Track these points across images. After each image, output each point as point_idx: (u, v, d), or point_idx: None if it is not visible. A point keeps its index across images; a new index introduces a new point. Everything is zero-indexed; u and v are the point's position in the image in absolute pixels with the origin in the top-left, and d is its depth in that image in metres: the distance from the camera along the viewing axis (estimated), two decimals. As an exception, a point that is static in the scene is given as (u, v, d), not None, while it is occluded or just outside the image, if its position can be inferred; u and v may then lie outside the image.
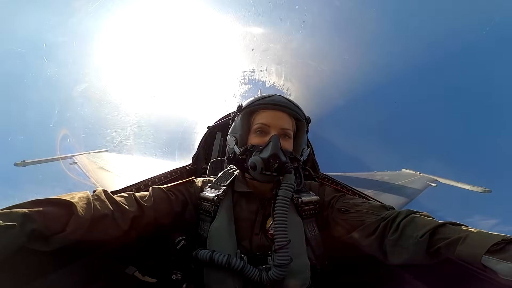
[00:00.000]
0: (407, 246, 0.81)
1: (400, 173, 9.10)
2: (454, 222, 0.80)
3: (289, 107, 1.04)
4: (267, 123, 1.02)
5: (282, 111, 1.04)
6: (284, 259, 0.84)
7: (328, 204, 1.08)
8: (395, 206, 1.02)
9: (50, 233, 0.66)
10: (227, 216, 0.98)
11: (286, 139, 1.03)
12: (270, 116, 1.03)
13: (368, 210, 0.97)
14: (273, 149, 0.93)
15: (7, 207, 0.60)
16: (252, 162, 0.95)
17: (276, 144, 0.94)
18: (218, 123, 2.74)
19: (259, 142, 1.00)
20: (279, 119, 1.03)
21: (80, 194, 0.80)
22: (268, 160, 0.92)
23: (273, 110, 1.03)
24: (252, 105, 1.06)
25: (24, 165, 4.63)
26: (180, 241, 1.02)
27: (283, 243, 0.85)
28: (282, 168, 0.93)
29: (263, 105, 1.04)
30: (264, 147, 0.96)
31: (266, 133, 1.01)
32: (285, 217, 0.88)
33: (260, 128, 1.02)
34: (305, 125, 1.11)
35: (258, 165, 0.93)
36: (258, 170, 0.93)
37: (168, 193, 1.01)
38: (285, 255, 0.85)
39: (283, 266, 0.85)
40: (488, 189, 7.26)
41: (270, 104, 1.04)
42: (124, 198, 0.91)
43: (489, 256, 0.63)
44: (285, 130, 1.02)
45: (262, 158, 0.93)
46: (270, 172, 0.93)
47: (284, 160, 0.94)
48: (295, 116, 1.07)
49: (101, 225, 0.78)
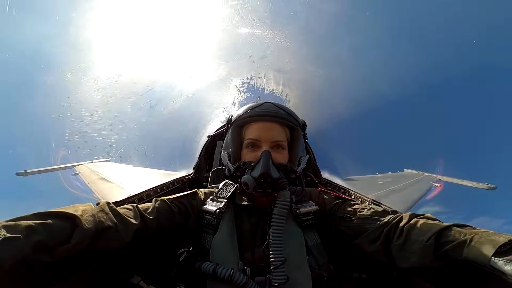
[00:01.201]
0: (413, 251, 0.80)
1: (403, 174, 9.01)
2: (459, 223, 0.80)
3: (279, 116, 1.00)
4: (258, 138, 0.99)
5: (273, 122, 1.00)
6: (281, 279, 0.84)
7: (330, 212, 1.07)
8: (400, 208, 1.02)
9: (55, 245, 0.66)
10: (229, 229, 0.98)
11: (279, 151, 0.99)
12: (260, 129, 0.99)
13: (371, 216, 0.97)
14: (263, 168, 0.90)
15: (12, 219, 0.61)
16: (244, 182, 0.94)
17: (267, 161, 0.91)
18: (218, 132, 2.76)
19: (251, 158, 0.97)
20: (269, 131, 0.99)
21: (83, 206, 0.80)
22: (259, 179, 0.90)
23: (263, 122, 1.00)
24: (241, 119, 1.03)
25: (26, 174, 4.63)
26: (183, 253, 1.02)
27: (279, 263, 0.84)
28: (275, 185, 0.91)
29: (252, 118, 1.01)
30: (256, 165, 0.93)
31: (258, 147, 0.99)
32: (280, 238, 0.87)
33: (251, 143, 1.00)
34: (300, 132, 1.08)
35: (250, 184, 0.91)
36: (251, 189, 0.92)
37: (171, 205, 1.02)
38: (281, 276, 0.84)
39: (280, 285, 0.84)
40: (493, 186, 7.17)
41: (260, 116, 1.00)
42: (127, 210, 0.91)
43: (497, 258, 0.63)
44: (277, 142, 0.99)
45: (253, 177, 0.91)
46: (263, 190, 0.92)
47: (276, 177, 0.91)
48: (287, 125, 1.03)
49: (105, 237, 0.79)
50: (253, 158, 0.97)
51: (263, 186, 0.91)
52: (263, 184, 0.91)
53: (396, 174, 8.95)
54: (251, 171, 0.93)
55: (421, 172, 8.72)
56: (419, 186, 7.16)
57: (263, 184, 0.91)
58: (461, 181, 8.32)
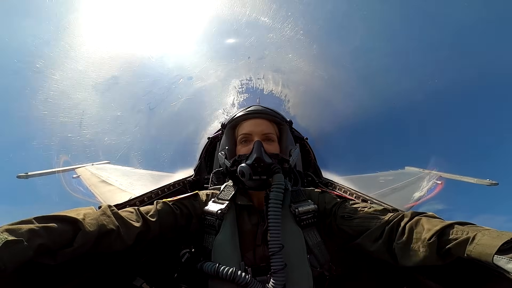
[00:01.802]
0: (416, 249, 0.80)
1: (403, 171, 8.98)
2: (461, 221, 0.80)
3: (267, 113, 1.12)
4: (249, 132, 1.08)
5: (261, 118, 1.11)
6: (279, 264, 0.87)
7: (330, 211, 1.08)
8: (403, 206, 1.02)
9: (57, 248, 0.67)
10: (231, 229, 0.99)
11: (270, 143, 1.07)
12: (250, 124, 1.10)
13: (372, 215, 0.97)
14: (256, 153, 0.97)
15: (14, 223, 0.62)
16: (240, 170, 0.98)
17: (259, 148, 0.99)
18: (218, 133, 2.76)
19: (245, 151, 1.04)
20: (259, 125, 1.09)
21: (86, 210, 0.81)
22: (253, 164, 0.96)
23: (253, 119, 1.11)
24: (233, 120, 1.14)
25: (27, 177, 4.62)
26: (185, 253, 1.02)
27: (277, 249, 0.87)
28: (269, 170, 0.97)
29: (243, 117, 1.12)
30: (249, 154, 1.01)
31: (250, 141, 1.06)
32: (278, 221, 0.90)
33: (243, 138, 1.09)
34: (287, 127, 1.17)
35: (246, 171, 0.96)
36: (247, 177, 0.97)
37: (173, 207, 1.02)
38: (279, 262, 0.87)
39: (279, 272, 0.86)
40: (495, 182, 7.17)
41: (249, 114, 1.11)
42: (129, 213, 0.91)
43: (500, 255, 0.63)
44: (267, 134, 1.08)
45: (247, 164, 0.97)
46: (258, 176, 0.97)
47: (269, 162, 0.98)
48: (275, 121, 1.14)
49: (107, 240, 0.79)
50: (247, 151, 1.04)
51: (258, 171, 0.96)
52: (257, 169, 0.96)
53: (396, 171, 8.92)
54: (245, 160, 1.00)
55: (422, 169, 8.69)
56: (420, 183, 7.14)
57: (257, 169, 0.96)
58: (462, 177, 8.30)
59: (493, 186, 6.41)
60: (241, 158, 1.04)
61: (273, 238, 0.88)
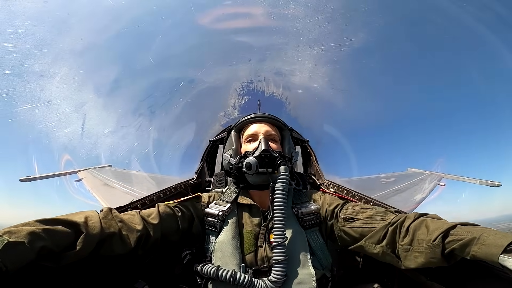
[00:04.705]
0: (421, 251, 0.79)
1: (406, 173, 8.93)
2: (465, 222, 0.79)
3: (270, 117, 1.23)
4: (255, 132, 1.17)
5: (265, 122, 1.22)
6: (281, 255, 0.88)
7: (332, 213, 1.07)
8: (406, 208, 1.02)
9: (59, 251, 0.67)
10: (232, 231, 0.99)
11: (273, 143, 1.15)
12: (256, 126, 1.20)
13: (374, 216, 0.97)
14: (264, 146, 1.05)
15: (16, 225, 0.62)
16: (247, 163, 1.03)
17: (266, 141, 1.07)
18: (219, 136, 2.77)
19: (252, 148, 1.11)
20: (264, 127, 1.19)
21: (88, 213, 0.81)
22: (260, 156, 1.02)
23: (258, 122, 1.21)
24: (240, 123, 1.25)
25: (29, 180, 4.65)
26: (186, 255, 1.02)
27: (280, 240, 0.89)
28: (274, 162, 1.01)
29: (248, 120, 1.23)
30: (256, 149, 1.07)
31: (256, 140, 1.14)
32: (284, 211, 0.92)
33: (249, 138, 1.17)
34: (289, 133, 1.26)
35: (253, 163, 1.01)
36: (254, 169, 1.01)
37: (174, 210, 1.02)
38: (281, 253, 0.88)
39: (280, 262, 0.87)
40: (499, 183, 7.10)
41: (255, 118, 1.22)
42: (131, 216, 0.91)
43: (506, 256, 0.62)
44: (271, 135, 1.17)
45: (255, 156, 1.03)
46: (265, 169, 1.01)
47: (275, 155, 1.03)
48: (277, 125, 1.24)
49: (109, 243, 0.79)
50: (253, 148, 1.11)
51: (264, 163, 1.01)
52: (264, 160, 1.01)
53: (399, 173, 8.87)
54: (252, 154, 1.06)
55: (424, 171, 8.63)
56: (422, 185, 7.09)
57: (264, 160, 1.01)
58: (465, 178, 8.24)
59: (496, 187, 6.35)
60: (247, 154, 1.09)
61: (278, 229, 0.90)
